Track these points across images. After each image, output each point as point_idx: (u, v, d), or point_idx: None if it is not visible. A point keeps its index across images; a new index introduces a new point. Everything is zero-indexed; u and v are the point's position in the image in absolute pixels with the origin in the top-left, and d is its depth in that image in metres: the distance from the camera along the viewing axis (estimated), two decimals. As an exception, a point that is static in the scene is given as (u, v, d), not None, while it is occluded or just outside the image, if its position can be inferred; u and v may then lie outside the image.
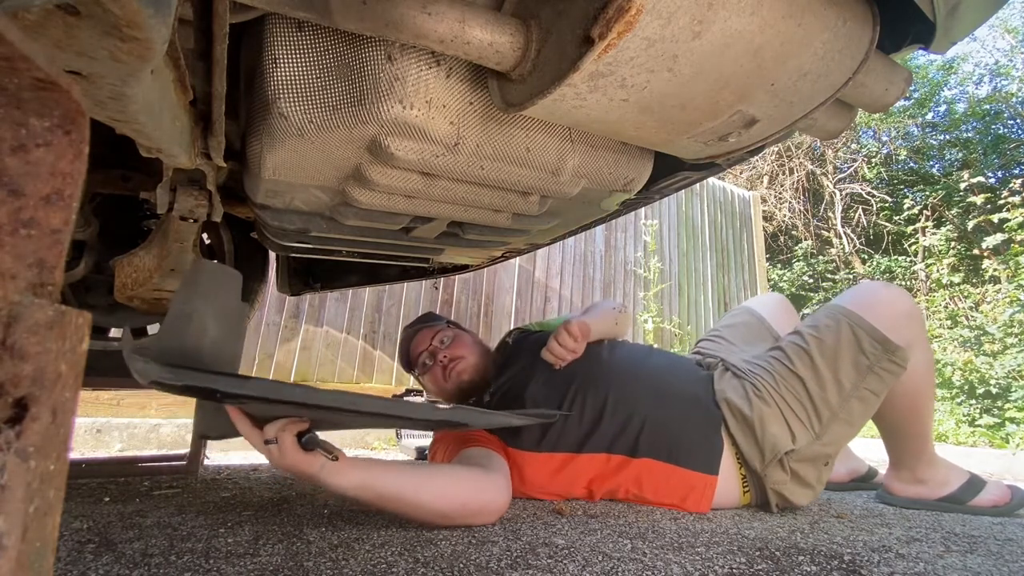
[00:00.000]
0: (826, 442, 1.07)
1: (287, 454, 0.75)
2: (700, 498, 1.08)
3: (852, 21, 0.55)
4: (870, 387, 1.07)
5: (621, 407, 1.12)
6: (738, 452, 1.11)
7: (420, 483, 0.86)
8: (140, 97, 0.43)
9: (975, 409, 3.11)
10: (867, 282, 1.24)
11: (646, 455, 1.09)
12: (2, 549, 0.20)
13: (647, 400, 1.13)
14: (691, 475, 1.08)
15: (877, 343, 1.07)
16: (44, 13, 0.30)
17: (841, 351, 1.08)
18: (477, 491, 0.91)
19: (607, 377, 1.16)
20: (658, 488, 1.09)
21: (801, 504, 1.10)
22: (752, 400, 1.10)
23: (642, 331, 4.42)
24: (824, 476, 1.11)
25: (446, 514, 0.87)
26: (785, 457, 1.06)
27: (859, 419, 1.09)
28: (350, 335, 3.14)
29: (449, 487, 0.89)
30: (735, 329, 1.41)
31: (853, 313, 1.11)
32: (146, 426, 2.25)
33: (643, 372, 1.19)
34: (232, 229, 1.50)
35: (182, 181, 0.88)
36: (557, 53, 0.51)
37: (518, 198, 0.85)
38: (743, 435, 1.09)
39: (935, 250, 5.87)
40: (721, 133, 0.63)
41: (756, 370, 1.16)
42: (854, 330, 1.09)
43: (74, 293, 1.30)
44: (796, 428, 1.07)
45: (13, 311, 0.21)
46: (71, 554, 0.68)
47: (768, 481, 1.08)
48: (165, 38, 0.36)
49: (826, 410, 1.07)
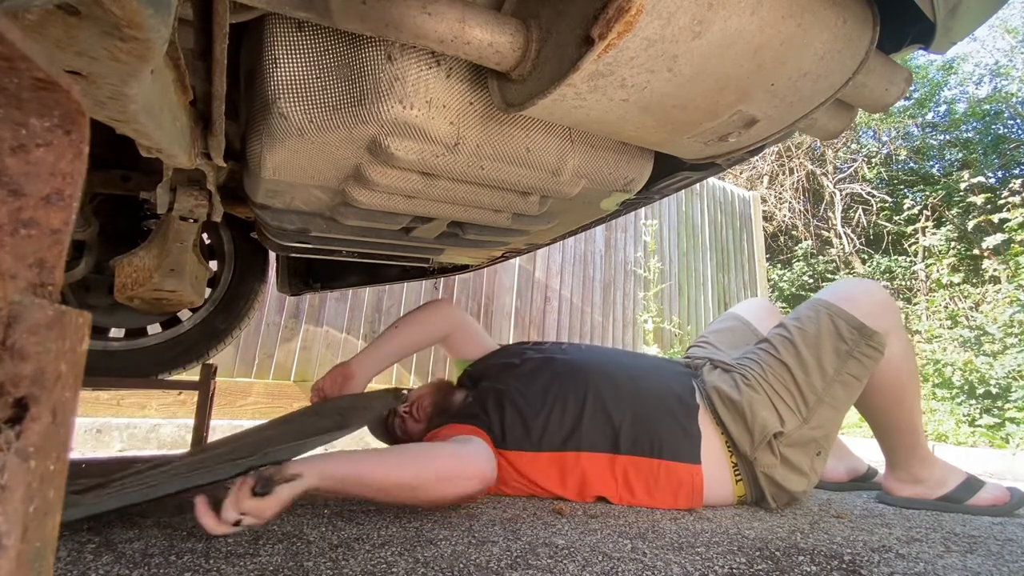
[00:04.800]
0: (814, 426, 1.11)
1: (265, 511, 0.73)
2: (691, 491, 1.09)
3: (852, 21, 0.55)
4: (851, 372, 1.13)
5: (600, 405, 1.14)
6: (728, 440, 1.13)
7: (381, 459, 0.86)
8: (140, 97, 0.43)
9: (975, 409, 3.11)
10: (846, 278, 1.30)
11: (629, 452, 1.11)
12: (2, 549, 0.20)
13: (625, 398, 1.15)
14: (676, 467, 1.10)
15: (855, 329, 1.14)
16: (44, 13, 0.30)
17: (822, 338, 1.15)
18: (450, 455, 0.91)
19: (585, 377, 1.19)
20: (649, 486, 1.10)
21: (795, 491, 1.11)
22: (741, 388, 1.14)
23: (642, 331, 4.42)
24: (818, 466, 1.13)
25: (418, 485, 0.85)
26: (774, 440, 1.09)
27: (843, 404, 1.14)
28: (350, 335, 3.14)
29: (417, 457, 0.89)
30: (721, 334, 1.47)
31: (832, 304, 1.18)
32: (146, 426, 2.25)
33: (620, 371, 1.22)
34: (232, 229, 1.50)
35: (182, 181, 0.88)
36: (557, 53, 0.51)
37: (518, 198, 0.85)
38: (733, 420, 1.12)
39: (935, 250, 5.87)
40: (721, 133, 0.64)
41: (744, 362, 1.20)
42: (833, 319, 1.15)
43: (74, 293, 1.30)
44: (784, 412, 1.11)
45: (13, 311, 0.21)
46: (71, 554, 0.68)
47: (758, 465, 1.10)
48: (165, 38, 0.36)
49: (812, 395, 1.12)
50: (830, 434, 1.14)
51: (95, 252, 1.26)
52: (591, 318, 4.28)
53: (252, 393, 2.73)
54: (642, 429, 1.12)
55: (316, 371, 3.00)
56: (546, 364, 1.24)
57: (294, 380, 2.91)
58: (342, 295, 3.14)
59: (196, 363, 1.49)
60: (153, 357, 1.43)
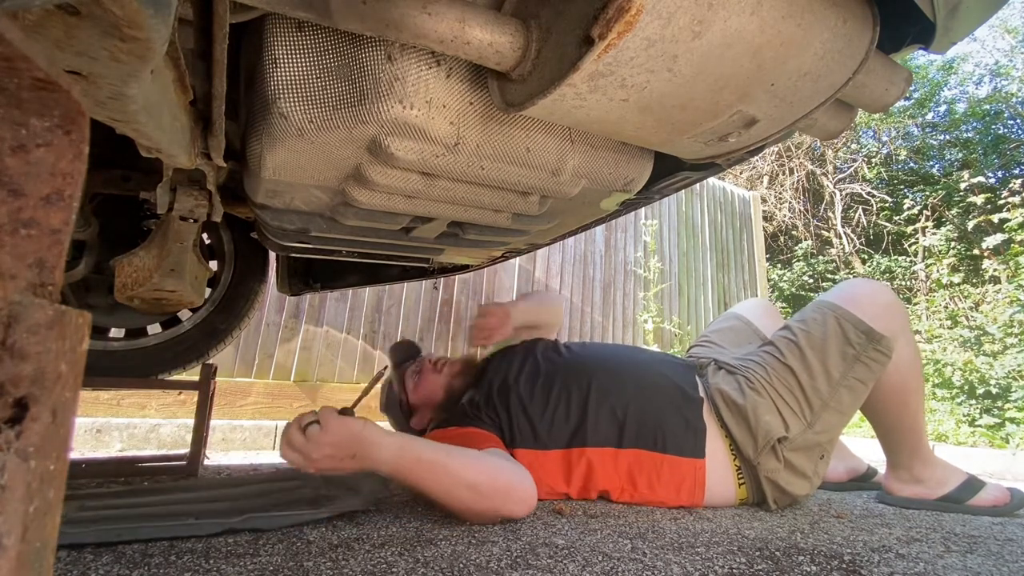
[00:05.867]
0: (818, 430, 1.10)
1: (331, 421, 0.84)
2: (693, 486, 1.09)
3: (852, 21, 0.55)
4: (858, 376, 1.11)
5: (605, 401, 1.14)
6: (732, 443, 1.12)
7: (451, 451, 0.90)
8: (140, 97, 0.43)
9: (975, 409, 3.11)
10: (852, 279, 1.28)
11: (633, 445, 1.11)
12: (2, 549, 0.20)
13: (629, 392, 1.15)
14: (680, 461, 1.10)
15: (862, 333, 1.11)
16: (44, 13, 0.30)
17: (829, 342, 1.13)
18: (506, 469, 0.92)
19: (588, 373, 1.19)
20: (652, 481, 1.10)
21: (797, 495, 1.11)
22: (745, 391, 1.13)
23: (642, 331, 4.42)
24: (820, 470, 1.12)
25: (477, 486, 0.88)
26: (778, 445, 1.08)
27: (849, 408, 1.12)
28: (350, 335, 3.14)
29: (480, 460, 0.92)
30: (723, 333, 1.46)
31: (838, 307, 1.15)
32: (146, 426, 2.25)
33: (623, 367, 1.22)
34: (232, 229, 1.50)
35: (182, 181, 0.88)
36: (557, 53, 0.51)
37: (518, 198, 0.85)
38: (737, 424, 1.11)
39: (935, 250, 5.86)
40: (721, 133, 0.63)
41: (748, 364, 1.19)
42: (840, 322, 1.13)
43: (74, 293, 1.30)
44: (788, 417, 1.10)
45: (13, 311, 0.21)
46: (71, 554, 0.68)
47: (762, 470, 1.09)
48: (165, 38, 0.36)
49: (817, 399, 1.10)
50: (834, 438, 1.13)
51: (95, 252, 1.26)
52: (591, 318, 4.27)
53: (252, 393, 2.73)
54: (646, 423, 1.12)
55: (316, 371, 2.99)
56: (549, 363, 1.25)
57: (294, 380, 2.90)
58: (342, 295, 3.14)
59: (196, 363, 1.49)
60: (153, 357, 1.43)
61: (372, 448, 0.84)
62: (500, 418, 1.15)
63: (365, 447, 0.84)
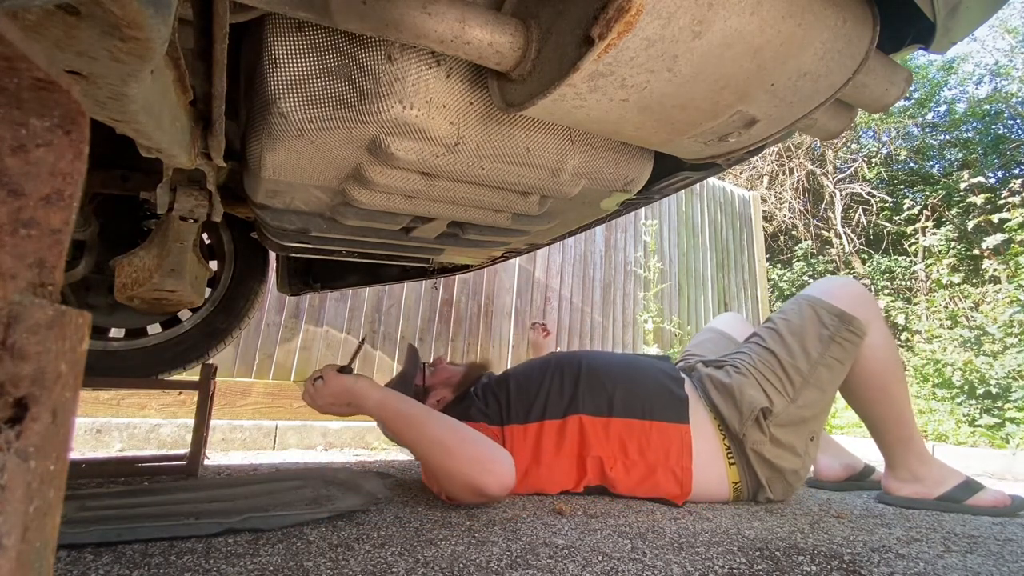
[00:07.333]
0: (801, 405, 1.18)
1: (330, 377, 1.03)
2: (680, 450, 1.16)
3: (852, 21, 0.55)
4: (834, 355, 1.22)
5: (595, 377, 1.25)
6: (720, 422, 1.20)
7: (431, 413, 1.01)
8: (140, 97, 0.43)
9: (975, 409, 3.11)
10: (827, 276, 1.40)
11: (621, 415, 1.20)
12: (2, 549, 0.20)
13: (616, 371, 1.27)
14: (666, 427, 1.18)
15: (835, 316, 1.24)
16: (44, 13, 0.30)
17: (806, 327, 1.25)
18: (485, 445, 0.98)
19: (579, 357, 1.31)
20: (642, 446, 1.17)
21: (785, 468, 1.16)
22: (732, 374, 1.24)
23: (642, 331, 4.42)
24: (811, 450, 1.20)
25: (447, 445, 0.96)
26: (763, 419, 1.16)
27: (829, 385, 1.22)
28: (350, 335, 3.14)
29: (457, 426, 1.00)
30: (703, 345, 1.60)
31: (813, 297, 1.29)
32: (146, 426, 2.25)
33: (612, 356, 1.36)
34: (232, 229, 1.50)
35: (182, 181, 0.88)
36: (557, 53, 0.51)
37: (518, 198, 0.85)
38: (723, 401, 1.20)
39: (935, 250, 5.86)
40: (721, 133, 0.63)
41: (735, 355, 1.30)
42: (815, 309, 1.27)
43: (74, 293, 1.30)
44: (771, 393, 1.19)
45: (13, 311, 0.21)
46: (71, 554, 0.68)
47: (748, 442, 1.16)
48: (165, 38, 0.36)
49: (798, 376, 1.21)
50: (819, 416, 1.21)
51: (95, 252, 1.26)
52: (591, 318, 4.27)
53: (252, 393, 2.73)
54: (633, 395, 1.22)
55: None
56: (542, 359, 1.36)
57: (294, 380, 2.90)
58: (342, 295, 3.13)
59: (196, 363, 1.49)
60: (153, 357, 1.43)
61: (360, 398, 1.03)
62: (500, 402, 1.23)
63: (356, 397, 1.03)
